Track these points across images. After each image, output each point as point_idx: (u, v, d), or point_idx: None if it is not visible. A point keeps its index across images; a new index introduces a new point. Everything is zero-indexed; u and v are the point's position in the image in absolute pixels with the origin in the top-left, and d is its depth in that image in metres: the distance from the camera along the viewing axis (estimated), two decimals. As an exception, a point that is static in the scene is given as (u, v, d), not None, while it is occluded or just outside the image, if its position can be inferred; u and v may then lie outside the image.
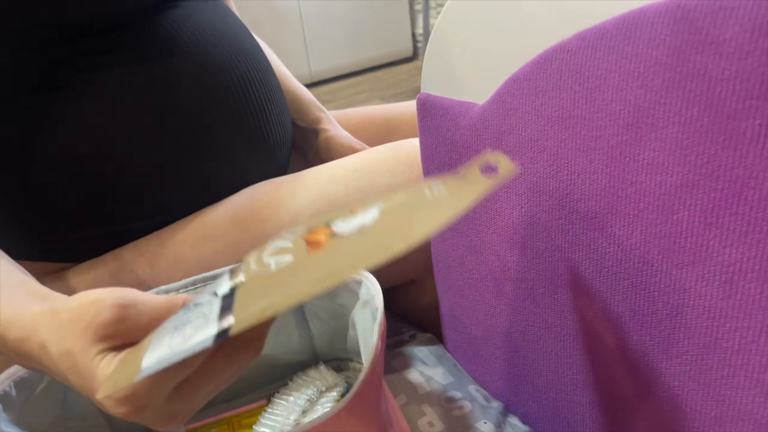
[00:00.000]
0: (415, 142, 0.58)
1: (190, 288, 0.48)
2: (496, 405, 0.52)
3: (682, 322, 0.35)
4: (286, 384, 0.52)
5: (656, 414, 0.38)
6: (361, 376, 0.38)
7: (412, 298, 0.66)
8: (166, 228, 0.57)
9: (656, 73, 0.31)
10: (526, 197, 0.41)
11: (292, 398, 0.50)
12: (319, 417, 0.35)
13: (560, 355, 0.44)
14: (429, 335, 0.62)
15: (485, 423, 0.49)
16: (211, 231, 0.55)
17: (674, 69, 0.31)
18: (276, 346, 0.52)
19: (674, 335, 0.35)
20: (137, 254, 0.56)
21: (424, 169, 0.51)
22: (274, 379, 0.54)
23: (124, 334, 0.33)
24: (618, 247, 0.37)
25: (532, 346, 0.47)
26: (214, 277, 0.48)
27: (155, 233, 0.57)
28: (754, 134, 0.28)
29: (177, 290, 0.48)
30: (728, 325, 0.33)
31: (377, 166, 0.56)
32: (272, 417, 0.49)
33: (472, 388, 0.54)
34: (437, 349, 0.59)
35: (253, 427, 0.49)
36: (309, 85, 2.62)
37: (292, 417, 0.47)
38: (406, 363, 0.57)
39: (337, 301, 0.51)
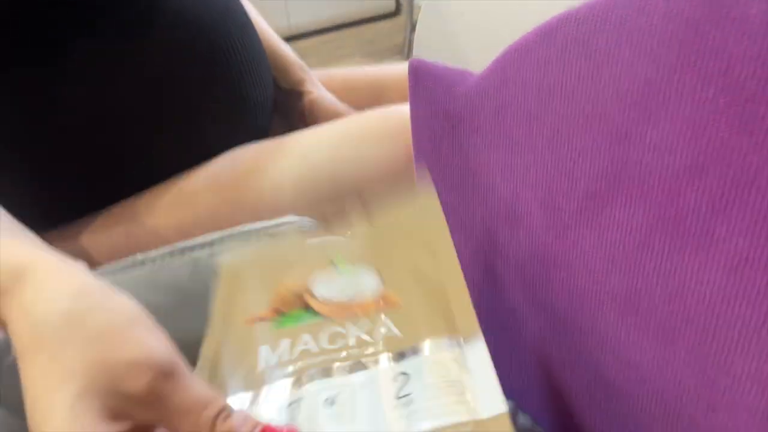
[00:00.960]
0: (405, 110, 0.56)
1: (167, 258, 0.46)
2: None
3: (681, 307, 0.34)
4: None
5: (647, 398, 0.38)
6: None
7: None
8: (141, 195, 0.54)
9: (671, 48, 0.30)
10: (522, 174, 0.40)
11: None
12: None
13: (549, 334, 0.43)
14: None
15: (470, 399, 0.49)
16: (189, 198, 0.53)
17: (690, 45, 0.29)
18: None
19: (671, 321, 0.34)
20: (113, 223, 0.53)
21: (414, 141, 0.49)
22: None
23: (141, 413, 0.27)
24: (618, 228, 0.35)
25: (521, 324, 0.46)
26: (192, 248, 0.46)
27: (130, 201, 0.54)
28: (773, 119, 0.27)
29: (154, 259, 0.46)
30: (728, 314, 0.32)
31: (364, 135, 0.54)
32: None
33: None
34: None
35: None
36: (288, 39, 2.55)
37: None
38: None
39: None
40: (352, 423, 0.33)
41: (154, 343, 0.28)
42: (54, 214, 0.54)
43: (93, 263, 0.53)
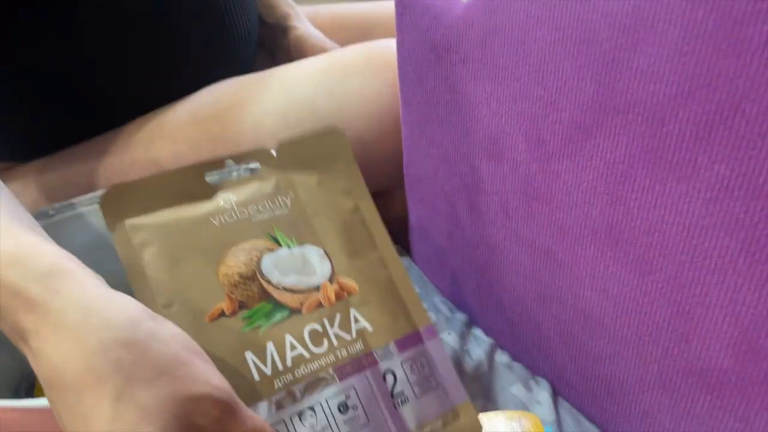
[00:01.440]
0: (392, 43, 0.55)
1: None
2: (460, 317, 0.52)
3: (660, 239, 0.34)
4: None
5: (623, 330, 0.38)
6: None
7: (381, 209, 0.65)
8: (121, 129, 0.53)
9: (662, -31, 0.29)
10: (508, 105, 0.39)
11: None
12: None
13: (529, 269, 0.43)
14: (396, 246, 0.61)
15: (449, 334, 0.49)
16: (170, 132, 0.52)
17: (682, -35, 0.28)
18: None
19: (650, 252, 0.35)
20: (92, 155, 0.52)
21: (400, 74, 0.48)
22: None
23: None
24: (601, 159, 0.35)
25: (501, 259, 0.46)
26: None
27: (109, 134, 0.53)
28: (761, 41, 0.26)
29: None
30: (706, 244, 0.32)
31: (349, 67, 0.53)
32: None
33: (437, 300, 0.54)
34: (404, 260, 0.58)
35: None
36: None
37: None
38: (372, 273, 0.56)
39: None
40: (366, 426, 0.34)
41: (216, 376, 0.28)
42: (34, 146, 0.53)
43: (71, 194, 0.52)
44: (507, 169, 0.42)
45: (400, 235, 0.63)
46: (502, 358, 0.48)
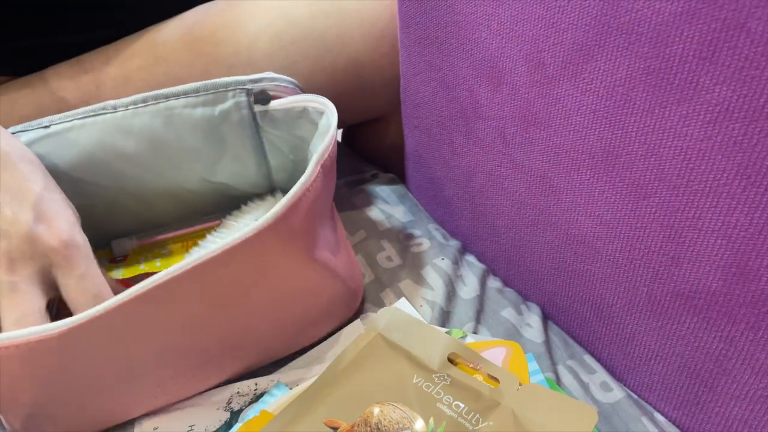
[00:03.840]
0: (390, -37, 0.53)
1: (140, 105, 0.44)
2: (453, 243, 0.52)
3: (656, 163, 0.34)
4: (240, 208, 0.51)
5: (615, 254, 0.39)
6: (292, 191, 0.36)
7: (377, 137, 0.64)
8: (111, 45, 0.51)
9: None
10: (509, 26, 0.38)
11: (243, 220, 0.49)
12: (242, 233, 0.34)
13: (524, 195, 0.44)
14: (391, 175, 0.61)
15: (443, 259, 0.50)
16: (162, 51, 0.51)
17: None
18: (232, 176, 0.50)
19: (645, 177, 0.35)
20: (81, 71, 0.51)
21: (398, -8, 0.47)
22: (230, 208, 0.53)
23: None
24: (601, 82, 0.35)
25: (496, 186, 0.46)
26: (167, 96, 0.44)
27: (100, 50, 0.52)
28: (773, -45, 0.26)
29: (126, 106, 0.44)
30: (703, 167, 0.32)
31: None
32: (220, 235, 0.48)
33: (432, 227, 0.54)
34: (399, 188, 0.59)
35: (199, 242, 0.48)
36: None
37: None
38: (367, 201, 0.56)
39: (297, 133, 0.48)
40: None
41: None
42: (23, 61, 0.52)
43: (62, 110, 0.51)
44: (506, 94, 0.41)
45: (396, 163, 0.63)
46: (494, 283, 0.49)
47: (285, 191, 0.54)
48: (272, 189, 0.54)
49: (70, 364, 0.34)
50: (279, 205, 0.35)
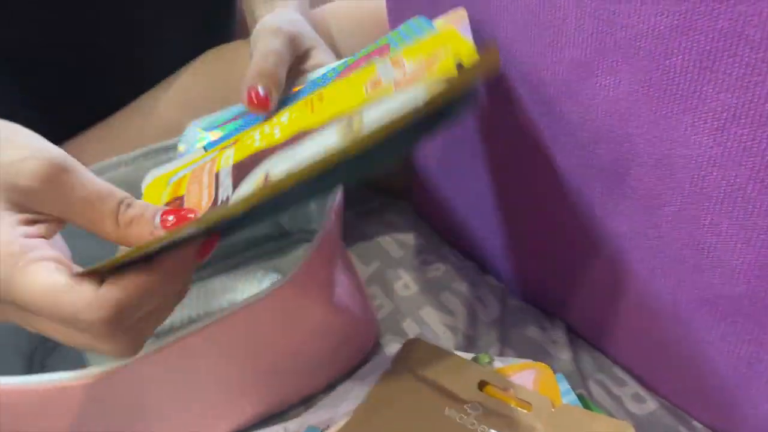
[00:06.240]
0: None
1: (141, 158, 0.45)
2: (469, 264, 0.52)
3: (667, 172, 0.34)
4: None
5: (634, 264, 0.38)
6: (312, 246, 0.36)
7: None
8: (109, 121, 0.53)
9: None
10: (505, 47, 0.39)
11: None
12: (264, 290, 0.35)
13: (537, 213, 0.44)
14: (400, 201, 0.61)
15: (461, 282, 0.49)
16: (166, 125, 0.52)
17: None
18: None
19: (659, 185, 0.35)
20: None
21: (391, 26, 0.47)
22: (234, 253, 0.53)
23: (45, 206, 0.26)
24: (604, 98, 0.35)
25: (509, 205, 0.46)
26: (167, 149, 0.45)
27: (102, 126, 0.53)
28: (764, -37, 0.26)
29: (128, 162, 0.45)
30: (715, 173, 0.32)
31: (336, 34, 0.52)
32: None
33: (446, 250, 0.54)
34: (408, 213, 0.59)
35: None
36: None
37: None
38: (378, 229, 0.57)
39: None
40: None
41: (42, 142, 0.27)
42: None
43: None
44: (509, 113, 0.41)
45: (404, 188, 0.63)
46: (514, 302, 0.49)
47: (292, 231, 0.54)
48: (279, 227, 0.55)
49: (89, 411, 0.34)
50: (300, 261, 0.36)
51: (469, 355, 0.42)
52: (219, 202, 0.31)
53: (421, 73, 0.32)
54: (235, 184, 0.31)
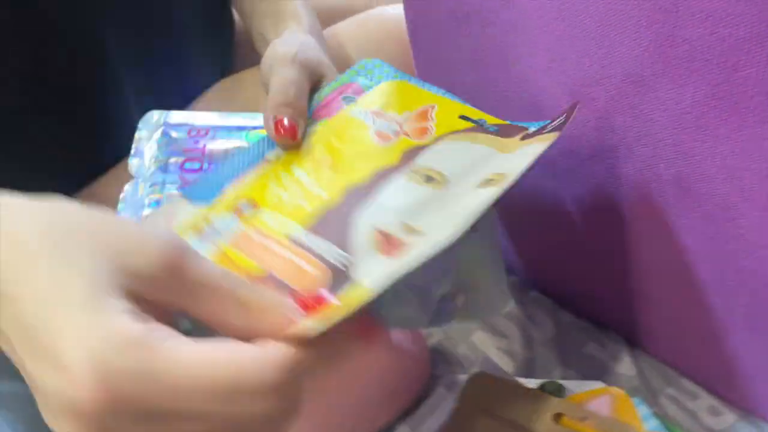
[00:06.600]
0: (385, 11, 0.52)
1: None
2: (512, 280, 0.51)
3: (738, 185, 0.32)
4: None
5: (706, 277, 0.37)
6: None
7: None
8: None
9: None
10: (547, 63, 0.37)
11: None
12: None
13: (586, 228, 0.42)
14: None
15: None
16: None
17: None
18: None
19: (730, 199, 0.33)
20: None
21: (412, 42, 0.45)
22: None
23: (162, 296, 0.22)
24: (665, 112, 0.33)
25: (555, 219, 0.44)
26: None
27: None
28: None
29: None
30: (793, 185, 0.30)
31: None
32: None
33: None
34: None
35: None
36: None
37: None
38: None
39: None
40: None
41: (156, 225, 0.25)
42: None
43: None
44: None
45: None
46: (567, 317, 0.47)
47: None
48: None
49: None
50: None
51: (534, 382, 0.41)
52: (338, 267, 0.28)
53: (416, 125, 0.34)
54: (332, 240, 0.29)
